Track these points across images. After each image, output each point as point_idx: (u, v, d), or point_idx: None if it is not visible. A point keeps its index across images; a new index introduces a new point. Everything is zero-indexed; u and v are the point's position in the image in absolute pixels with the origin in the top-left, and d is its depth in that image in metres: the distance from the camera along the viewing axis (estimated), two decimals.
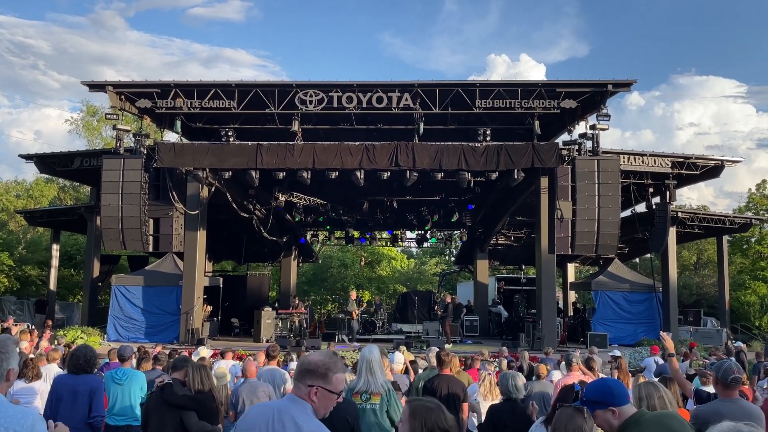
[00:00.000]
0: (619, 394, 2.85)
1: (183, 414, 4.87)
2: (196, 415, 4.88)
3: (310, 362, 2.63)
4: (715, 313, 25.32)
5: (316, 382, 2.58)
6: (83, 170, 19.37)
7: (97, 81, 16.56)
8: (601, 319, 18.58)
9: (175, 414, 4.87)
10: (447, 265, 44.03)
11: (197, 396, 4.97)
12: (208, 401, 4.98)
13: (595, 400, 2.86)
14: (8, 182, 39.42)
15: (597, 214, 15.79)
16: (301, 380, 2.60)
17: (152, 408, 5.01)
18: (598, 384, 3.05)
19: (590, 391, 2.95)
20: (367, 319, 19.06)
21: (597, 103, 15.58)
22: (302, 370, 2.62)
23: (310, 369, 2.60)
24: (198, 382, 5.03)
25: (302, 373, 2.61)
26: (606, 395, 2.84)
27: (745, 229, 23.52)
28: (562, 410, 3.27)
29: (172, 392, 4.96)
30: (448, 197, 22.59)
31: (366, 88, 15.67)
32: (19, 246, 31.40)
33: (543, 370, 8.11)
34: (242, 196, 19.43)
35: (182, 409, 4.89)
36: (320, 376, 2.59)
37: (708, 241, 31.56)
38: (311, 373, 2.59)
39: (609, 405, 2.80)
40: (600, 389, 2.93)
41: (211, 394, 5.07)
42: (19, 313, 24.85)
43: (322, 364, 2.62)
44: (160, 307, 17.76)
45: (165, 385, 5.17)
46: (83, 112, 38.41)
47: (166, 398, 4.93)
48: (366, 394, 4.84)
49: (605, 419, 2.82)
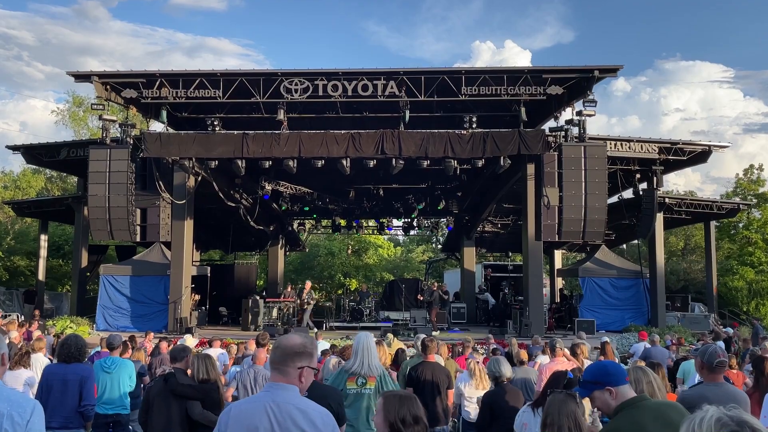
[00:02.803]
0: (615, 374, 2.89)
1: (187, 403, 4.86)
2: (201, 405, 4.87)
3: (297, 344, 2.60)
4: (702, 299, 25.52)
5: (305, 363, 2.58)
6: (70, 161, 19.27)
7: (83, 71, 16.43)
8: (588, 306, 18.67)
9: (179, 404, 4.86)
10: (434, 252, 44.17)
11: (202, 386, 4.95)
12: (212, 391, 4.95)
13: (593, 380, 2.91)
14: None
15: (584, 200, 15.84)
16: (290, 364, 2.55)
17: (155, 398, 4.97)
18: (596, 365, 3.12)
19: (588, 373, 3.02)
20: (355, 307, 19.13)
21: (583, 89, 15.56)
22: (290, 353, 2.57)
23: (298, 351, 2.57)
24: (203, 371, 5.01)
25: (290, 357, 2.56)
26: (603, 375, 2.88)
27: (733, 214, 23.67)
28: (555, 395, 3.29)
29: (176, 382, 4.93)
30: (435, 185, 22.60)
31: (351, 76, 15.59)
32: (7, 237, 31.25)
33: (524, 356, 8.20)
34: (229, 186, 19.39)
35: (187, 398, 4.87)
36: (308, 355, 2.60)
37: (695, 226, 31.80)
38: (300, 355, 2.57)
39: (606, 385, 2.84)
40: (597, 370, 2.99)
41: (216, 384, 5.04)
42: (8, 303, 24.78)
43: (308, 343, 2.63)
44: (149, 296, 17.77)
45: (168, 374, 5.13)
46: (69, 102, 38.09)
47: (170, 388, 4.90)
48: (362, 378, 4.86)
49: (603, 400, 2.85)
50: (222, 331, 16.98)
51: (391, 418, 2.59)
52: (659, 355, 9.76)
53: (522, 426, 4.41)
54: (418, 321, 17.87)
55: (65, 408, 5.41)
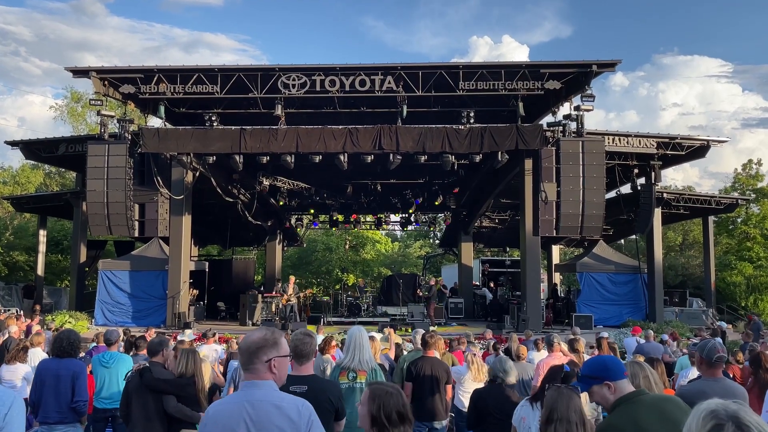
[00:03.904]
0: (614, 368, 2.90)
1: (163, 397, 4.89)
2: (175, 399, 4.90)
3: (257, 340, 2.60)
4: (701, 294, 25.55)
5: (272, 354, 2.58)
6: (69, 156, 19.26)
7: (81, 67, 16.37)
8: (586, 301, 18.69)
9: (156, 397, 4.89)
10: (431, 248, 44.22)
11: (176, 380, 4.98)
12: (188, 386, 4.97)
13: (591, 375, 2.91)
14: None
15: (582, 195, 15.84)
16: (256, 360, 2.56)
17: (132, 391, 5.01)
18: (594, 360, 3.12)
19: (586, 367, 3.03)
20: (352, 302, 19.17)
21: (581, 84, 15.54)
22: (253, 349, 2.57)
23: (260, 345, 2.58)
24: (182, 366, 5.04)
25: (254, 353, 2.57)
26: (601, 370, 2.89)
27: (731, 209, 23.65)
28: (559, 390, 3.23)
29: (150, 376, 4.96)
30: (432, 180, 22.60)
31: (349, 71, 15.57)
32: (6, 232, 31.27)
33: (523, 351, 8.17)
34: (226, 181, 19.39)
35: (162, 393, 4.91)
36: (272, 346, 2.60)
37: (694, 221, 31.78)
38: (263, 349, 2.58)
39: (604, 379, 2.84)
40: (595, 364, 3.00)
41: (192, 380, 5.05)
42: (7, 298, 24.83)
43: (268, 335, 2.63)
44: (147, 291, 17.79)
45: (143, 368, 5.15)
46: (67, 98, 38.03)
47: (145, 382, 4.94)
48: (353, 373, 4.87)
49: (601, 394, 2.85)
50: (220, 326, 17.01)
51: (374, 411, 2.55)
52: (653, 351, 9.76)
53: (520, 420, 4.39)
54: (415, 316, 17.90)
55: (59, 403, 5.41)
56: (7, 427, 2.39)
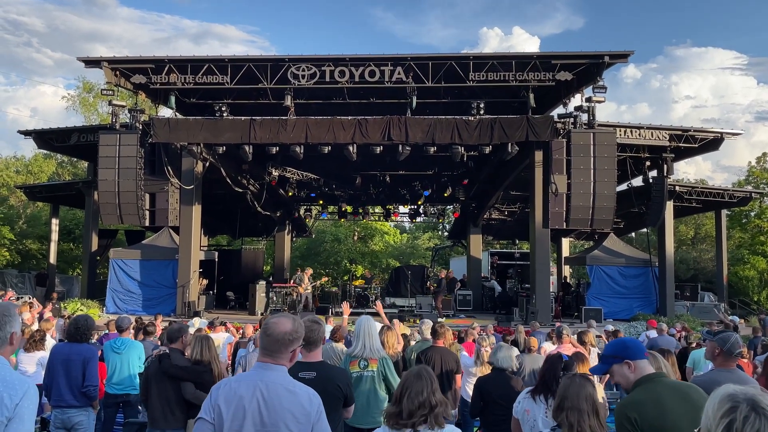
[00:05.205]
0: (634, 348, 2.94)
1: (181, 384, 4.95)
2: (193, 386, 4.95)
3: (289, 330, 2.64)
4: (712, 288, 25.35)
5: (296, 345, 2.66)
6: (80, 146, 19.40)
7: (93, 57, 16.41)
8: (596, 294, 18.59)
9: (174, 383, 4.96)
10: (440, 239, 44.17)
11: (194, 367, 5.03)
12: (204, 373, 5.01)
13: (611, 354, 2.96)
14: (8, 158, 39.44)
15: (592, 187, 15.73)
16: (283, 348, 2.61)
17: (151, 378, 5.07)
18: (615, 341, 3.16)
19: (607, 348, 3.08)
20: (361, 293, 19.23)
21: (593, 75, 15.38)
22: (284, 340, 2.61)
23: (291, 338, 2.63)
24: (197, 352, 5.09)
25: (283, 343, 2.60)
26: (621, 349, 2.93)
27: (745, 203, 23.40)
28: (572, 378, 3.23)
29: (169, 363, 5.02)
30: (441, 172, 22.52)
31: (358, 62, 15.51)
32: (19, 220, 31.64)
33: (534, 343, 8.12)
34: (236, 171, 19.45)
35: (179, 379, 4.97)
36: (299, 339, 2.68)
37: (706, 215, 31.49)
38: (292, 342, 2.63)
39: (624, 358, 2.87)
40: (616, 345, 3.04)
41: (208, 366, 5.09)
42: (20, 286, 25.17)
43: (299, 329, 2.69)
44: (157, 280, 17.94)
45: (162, 354, 5.21)
46: (79, 88, 38.25)
47: (163, 369, 5.00)
48: (364, 361, 4.90)
49: (621, 373, 2.88)
50: (229, 315, 17.14)
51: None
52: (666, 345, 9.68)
53: (523, 412, 4.37)
54: (423, 307, 17.92)
55: (71, 387, 5.50)
56: (16, 418, 2.34)
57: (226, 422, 2.49)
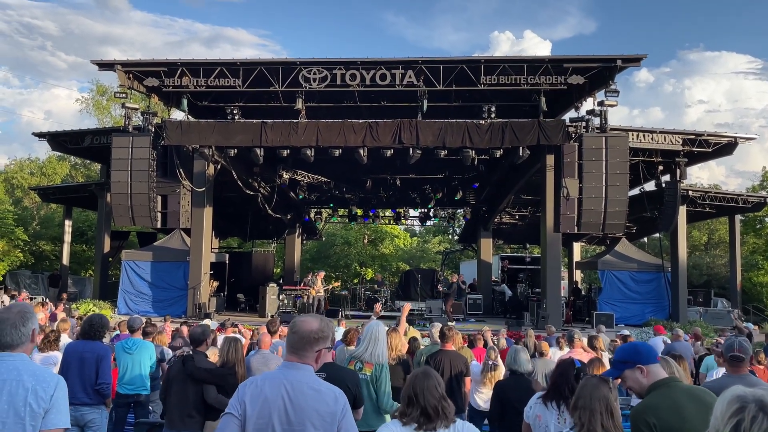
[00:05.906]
0: (646, 353, 2.89)
1: (203, 387, 4.95)
2: (215, 389, 4.95)
3: (316, 329, 2.67)
4: (726, 294, 25.06)
5: (323, 345, 2.67)
6: (94, 148, 19.61)
7: (106, 60, 16.60)
8: (607, 299, 18.43)
9: (196, 386, 4.95)
10: (450, 243, 44.04)
11: (218, 370, 5.03)
12: (229, 376, 5.01)
13: (623, 359, 2.92)
14: (22, 160, 39.95)
15: (604, 192, 15.61)
16: (309, 347, 2.63)
17: (173, 379, 5.07)
18: (627, 345, 3.13)
19: (619, 353, 3.03)
20: (370, 296, 19.21)
21: (605, 79, 15.29)
22: (311, 338, 2.64)
23: (319, 336, 2.65)
24: (224, 354, 5.10)
25: (309, 342, 2.63)
26: (633, 354, 2.89)
27: (759, 208, 23.11)
28: (588, 379, 3.21)
29: (193, 365, 5.01)
30: (452, 175, 22.48)
31: (369, 65, 15.54)
32: (33, 222, 31.98)
33: (546, 347, 8.05)
34: (247, 174, 19.55)
35: (203, 382, 4.96)
36: (326, 339, 2.69)
37: (720, 220, 31.16)
38: (318, 341, 2.65)
39: (637, 363, 2.84)
40: (627, 349, 3.00)
41: (233, 369, 5.10)
42: (33, 287, 25.43)
43: (325, 327, 2.71)
44: (169, 282, 18.05)
45: (186, 357, 5.20)
46: (93, 91, 38.72)
47: (187, 371, 4.99)
48: (360, 363, 4.88)
49: (634, 378, 2.85)
50: (239, 317, 17.19)
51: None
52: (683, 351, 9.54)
53: (535, 417, 4.31)
54: (433, 311, 17.86)
55: (84, 384, 5.50)
56: (53, 409, 2.47)
57: (252, 419, 2.53)
